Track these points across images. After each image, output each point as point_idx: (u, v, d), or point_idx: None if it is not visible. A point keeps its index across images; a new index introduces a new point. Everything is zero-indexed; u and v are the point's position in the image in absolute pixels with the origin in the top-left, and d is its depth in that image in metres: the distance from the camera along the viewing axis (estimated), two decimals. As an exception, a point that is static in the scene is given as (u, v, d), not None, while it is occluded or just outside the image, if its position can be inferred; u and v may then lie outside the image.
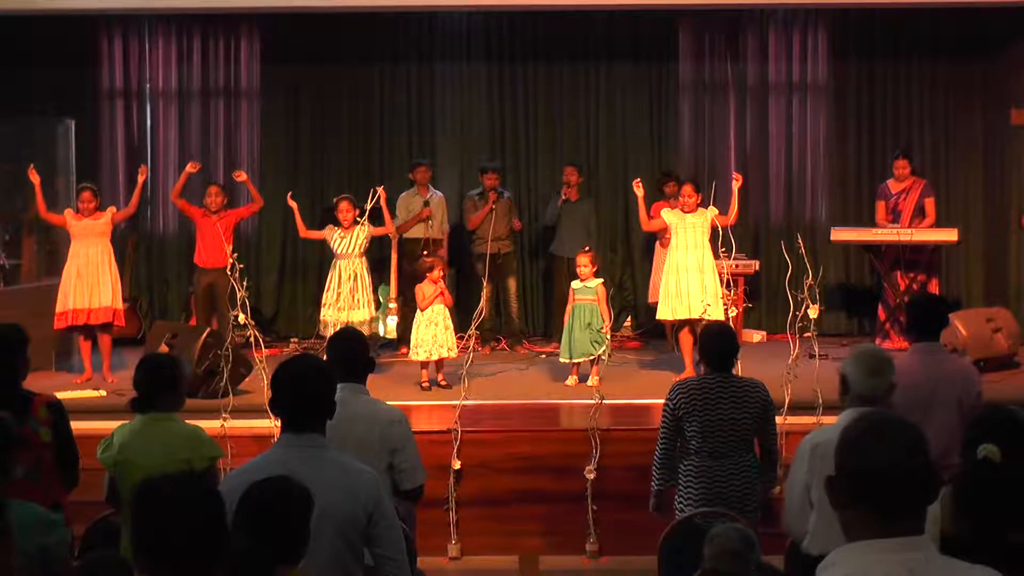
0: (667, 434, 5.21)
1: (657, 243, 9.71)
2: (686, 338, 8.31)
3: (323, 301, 8.70)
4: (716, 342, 5.23)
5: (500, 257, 9.86)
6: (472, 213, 9.91)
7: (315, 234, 8.94)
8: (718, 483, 5.05)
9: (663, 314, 8.45)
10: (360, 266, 8.65)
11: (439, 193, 9.97)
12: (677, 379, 6.21)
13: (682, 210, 8.44)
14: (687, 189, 8.45)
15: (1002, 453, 3.07)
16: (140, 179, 8.95)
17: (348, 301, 8.57)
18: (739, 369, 7.33)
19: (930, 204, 9.60)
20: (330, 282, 8.69)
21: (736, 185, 8.51)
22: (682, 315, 8.24)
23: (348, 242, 8.67)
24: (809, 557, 4.03)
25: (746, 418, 5.08)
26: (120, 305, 8.63)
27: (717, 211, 8.43)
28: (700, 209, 8.44)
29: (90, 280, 8.45)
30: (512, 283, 10.09)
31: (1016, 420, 3.63)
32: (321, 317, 8.73)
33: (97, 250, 8.53)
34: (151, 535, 2.39)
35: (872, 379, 4.10)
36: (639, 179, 8.77)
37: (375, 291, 8.98)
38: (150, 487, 2.44)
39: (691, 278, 8.24)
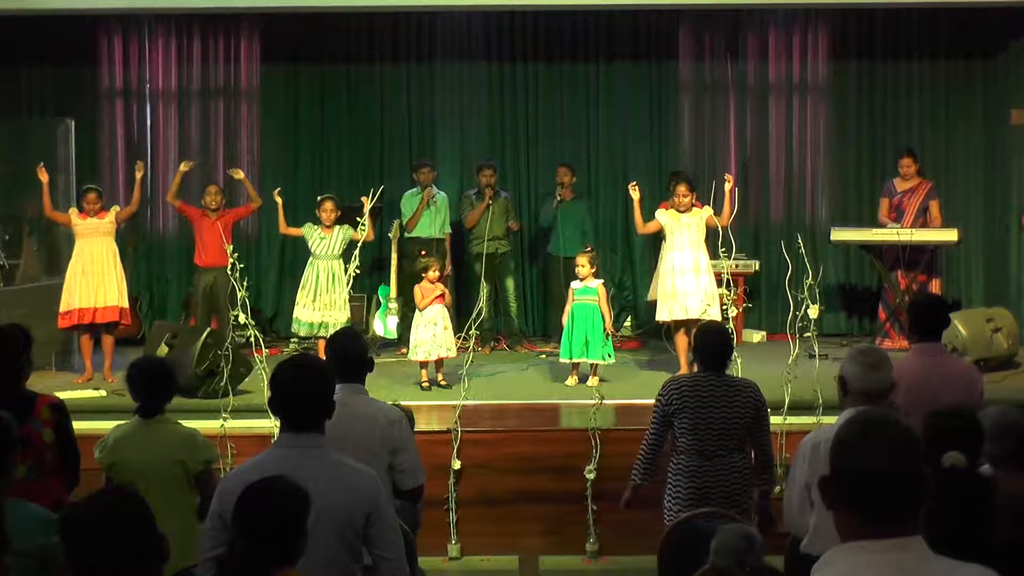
0: (656, 429, 5.21)
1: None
2: (681, 339, 8.29)
3: (297, 300, 8.71)
4: (712, 342, 5.22)
5: (498, 257, 9.87)
6: (469, 211, 9.92)
7: (294, 231, 8.96)
8: (708, 483, 5.05)
9: (661, 315, 8.45)
10: (338, 267, 8.65)
11: (443, 193, 9.96)
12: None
13: (677, 210, 8.42)
14: (681, 189, 8.42)
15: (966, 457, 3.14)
16: (138, 175, 8.94)
17: (324, 301, 8.58)
18: (739, 369, 7.37)
19: (935, 207, 9.61)
20: (306, 281, 8.70)
21: (727, 186, 8.47)
22: (679, 316, 8.24)
23: (328, 242, 8.68)
24: (809, 557, 4.03)
25: (737, 418, 5.07)
26: (126, 304, 8.63)
27: (712, 211, 8.42)
28: (695, 209, 8.43)
29: (95, 279, 8.46)
30: (511, 283, 10.09)
31: (974, 422, 3.68)
32: (295, 315, 8.74)
33: (102, 249, 8.53)
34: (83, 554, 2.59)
35: (873, 373, 4.07)
36: (635, 183, 8.75)
37: (372, 291, 9.00)
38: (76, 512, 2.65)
39: (687, 279, 8.23)
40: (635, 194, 8.58)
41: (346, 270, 8.52)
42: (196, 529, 4.47)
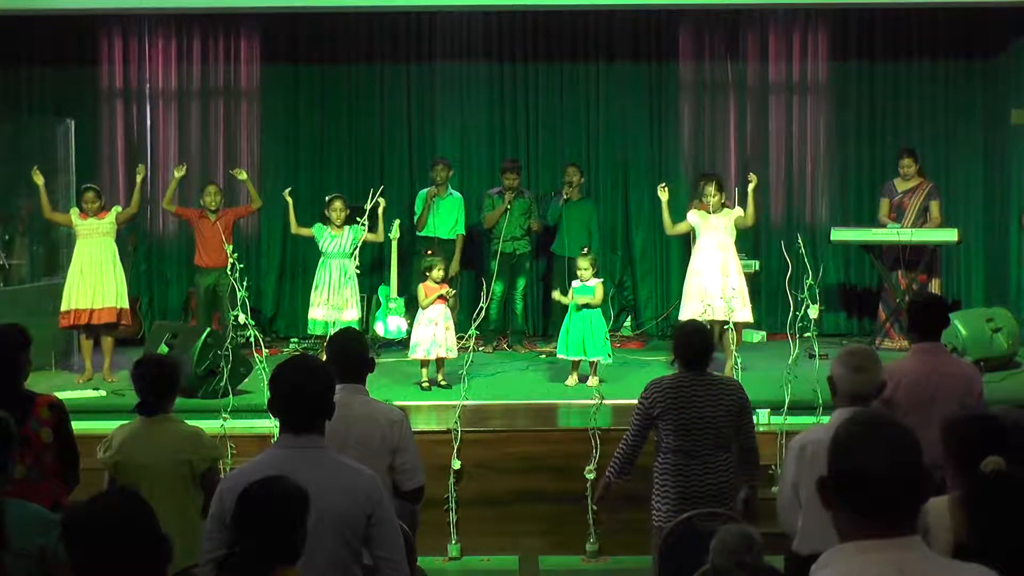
0: (636, 430, 5.22)
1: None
2: None
3: (312, 300, 8.72)
4: (691, 342, 5.20)
5: (515, 257, 9.87)
6: (489, 211, 9.91)
7: (305, 231, 8.98)
8: (694, 481, 5.05)
9: (684, 313, 8.41)
10: (350, 266, 8.66)
11: (456, 194, 9.94)
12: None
13: (706, 210, 8.42)
14: (710, 188, 8.40)
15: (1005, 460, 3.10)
16: (139, 178, 8.95)
17: (338, 301, 8.59)
18: (739, 370, 7.37)
19: (936, 207, 9.60)
20: (319, 281, 8.72)
21: (751, 186, 8.49)
22: (703, 317, 8.17)
23: (339, 241, 8.70)
24: (799, 556, 4.04)
25: (723, 417, 5.07)
26: (126, 304, 8.63)
27: (743, 212, 8.42)
28: (725, 209, 8.42)
29: (93, 280, 8.46)
30: (521, 282, 10.08)
31: (1003, 425, 3.64)
32: (310, 316, 8.75)
33: (101, 250, 8.54)
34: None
35: (858, 375, 4.06)
36: (664, 183, 8.75)
37: (372, 291, 8.98)
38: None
39: (710, 280, 8.21)
40: (663, 195, 8.57)
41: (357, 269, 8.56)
42: (201, 528, 4.48)
